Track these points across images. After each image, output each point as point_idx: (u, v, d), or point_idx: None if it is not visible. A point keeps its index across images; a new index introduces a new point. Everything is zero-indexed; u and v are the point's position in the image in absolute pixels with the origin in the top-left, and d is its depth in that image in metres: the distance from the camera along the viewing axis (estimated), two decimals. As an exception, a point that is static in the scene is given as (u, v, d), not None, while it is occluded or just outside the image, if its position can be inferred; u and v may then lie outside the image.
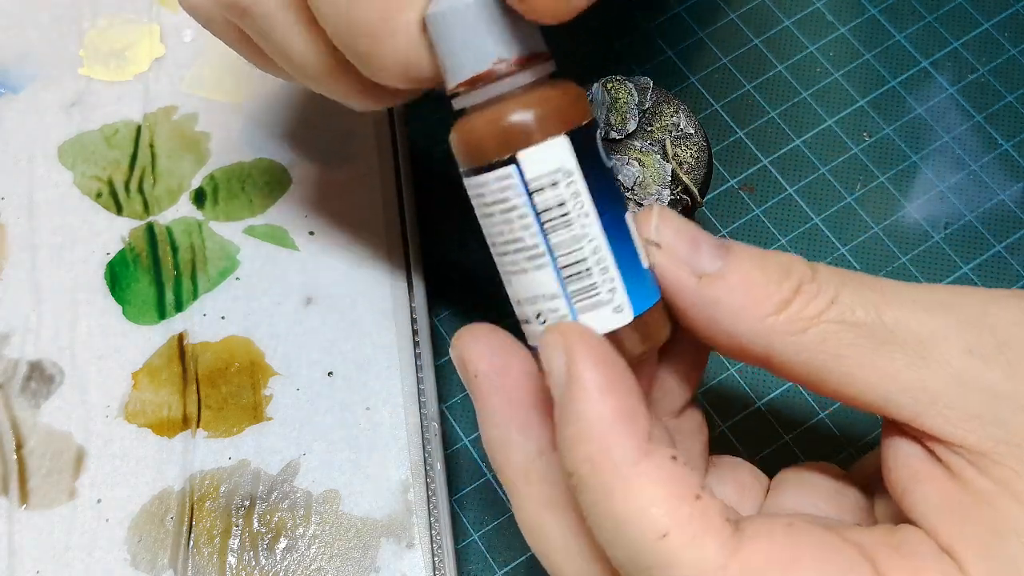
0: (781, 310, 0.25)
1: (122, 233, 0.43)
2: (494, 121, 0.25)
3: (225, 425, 0.40)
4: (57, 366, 0.41)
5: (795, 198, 0.45)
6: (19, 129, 0.45)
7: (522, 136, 0.25)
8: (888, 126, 0.46)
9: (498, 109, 0.25)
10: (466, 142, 0.26)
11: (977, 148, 0.46)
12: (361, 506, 0.38)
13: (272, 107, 0.45)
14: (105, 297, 0.42)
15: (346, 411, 0.40)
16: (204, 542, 0.38)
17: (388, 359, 0.40)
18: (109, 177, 0.44)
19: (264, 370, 0.41)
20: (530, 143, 0.25)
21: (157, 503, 0.39)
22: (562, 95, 0.26)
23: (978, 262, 0.43)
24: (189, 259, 0.42)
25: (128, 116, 0.45)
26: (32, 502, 0.39)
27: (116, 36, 0.46)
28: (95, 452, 0.39)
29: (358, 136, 0.44)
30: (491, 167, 0.25)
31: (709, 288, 0.25)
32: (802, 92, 0.47)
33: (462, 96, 0.26)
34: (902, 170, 0.45)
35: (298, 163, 0.44)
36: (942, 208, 0.45)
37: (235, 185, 0.44)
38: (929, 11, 0.48)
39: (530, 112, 0.25)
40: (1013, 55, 0.47)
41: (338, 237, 0.43)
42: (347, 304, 0.41)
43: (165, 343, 0.41)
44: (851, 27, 0.48)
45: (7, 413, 0.40)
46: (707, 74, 0.47)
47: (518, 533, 0.40)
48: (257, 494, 0.39)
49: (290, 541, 0.38)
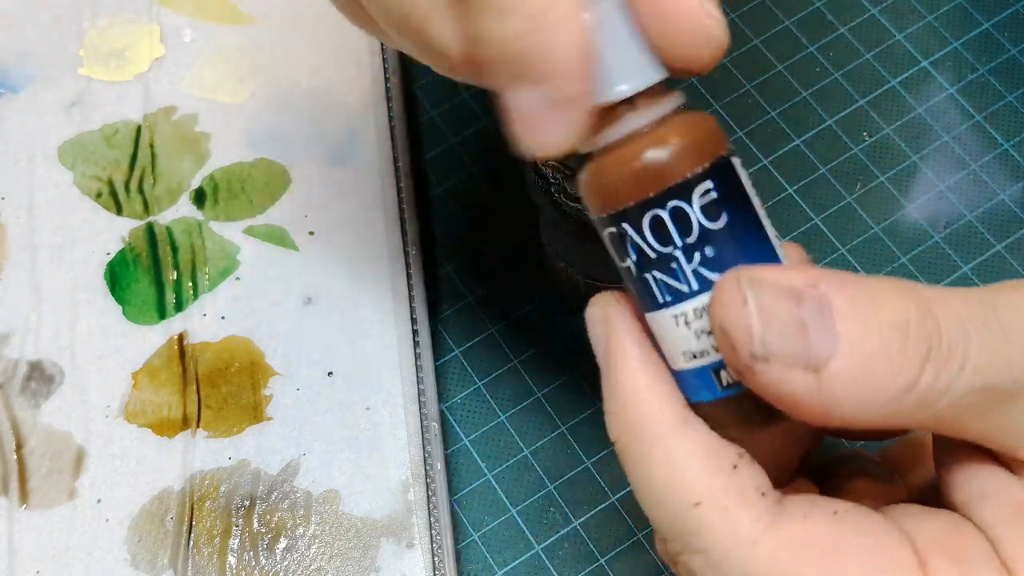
0: (910, 390, 0.22)
1: (122, 233, 0.43)
2: (640, 160, 0.23)
3: (225, 425, 0.40)
4: (57, 366, 0.41)
5: (795, 198, 0.45)
6: (19, 129, 0.45)
7: (670, 174, 0.23)
8: (888, 126, 0.46)
9: (645, 145, 0.23)
10: (605, 185, 0.23)
11: (977, 148, 0.46)
12: (361, 506, 0.38)
13: (272, 107, 0.45)
14: (105, 297, 0.42)
15: (346, 411, 0.40)
16: (204, 542, 0.38)
17: (388, 359, 0.40)
18: (109, 177, 0.44)
19: (264, 370, 0.41)
20: (676, 180, 0.23)
21: (157, 503, 0.39)
22: (703, 123, 0.24)
23: (978, 262, 0.43)
24: (189, 259, 0.42)
25: (128, 116, 0.45)
26: (32, 502, 0.39)
27: (116, 36, 0.46)
28: (95, 452, 0.39)
29: (358, 136, 0.44)
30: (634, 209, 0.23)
31: (830, 389, 0.22)
32: (802, 92, 0.47)
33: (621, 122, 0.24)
34: (902, 170, 0.45)
35: (298, 163, 0.44)
36: (942, 208, 0.45)
37: (235, 185, 0.44)
38: (929, 11, 0.48)
39: (675, 146, 0.23)
40: (1013, 55, 0.47)
41: (338, 237, 0.43)
42: (347, 304, 0.41)
43: (165, 343, 0.41)
44: (851, 27, 0.48)
45: (7, 413, 0.40)
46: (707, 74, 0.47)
47: (518, 533, 0.40)
48: (257, 494, 0.39)
49: (290, 541, 0.38)
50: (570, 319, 0.43)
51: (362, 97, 0.45)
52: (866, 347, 0.21)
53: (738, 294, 0.22)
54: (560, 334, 0.43)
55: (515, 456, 0.41)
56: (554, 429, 0.41)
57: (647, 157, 0.23)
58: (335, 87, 0.45)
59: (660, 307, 0.24)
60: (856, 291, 0.22)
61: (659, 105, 0.23)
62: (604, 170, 0.23)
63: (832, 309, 0.21)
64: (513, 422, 0.42)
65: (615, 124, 0.23)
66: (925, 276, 0.43)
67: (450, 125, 0.47)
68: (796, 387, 0.21)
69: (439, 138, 0.47)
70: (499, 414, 0.42)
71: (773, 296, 0.22)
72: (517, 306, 0.43)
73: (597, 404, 0.42)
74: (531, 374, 0.42)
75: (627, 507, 0.40)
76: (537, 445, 0.41)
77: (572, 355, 0.43)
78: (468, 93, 0.47)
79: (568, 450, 0.41)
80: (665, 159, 0.23)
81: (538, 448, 0.41)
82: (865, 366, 0.21)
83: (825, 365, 0.21)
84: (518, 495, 0.40)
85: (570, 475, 0.41)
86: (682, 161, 0.23)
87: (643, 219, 0.23)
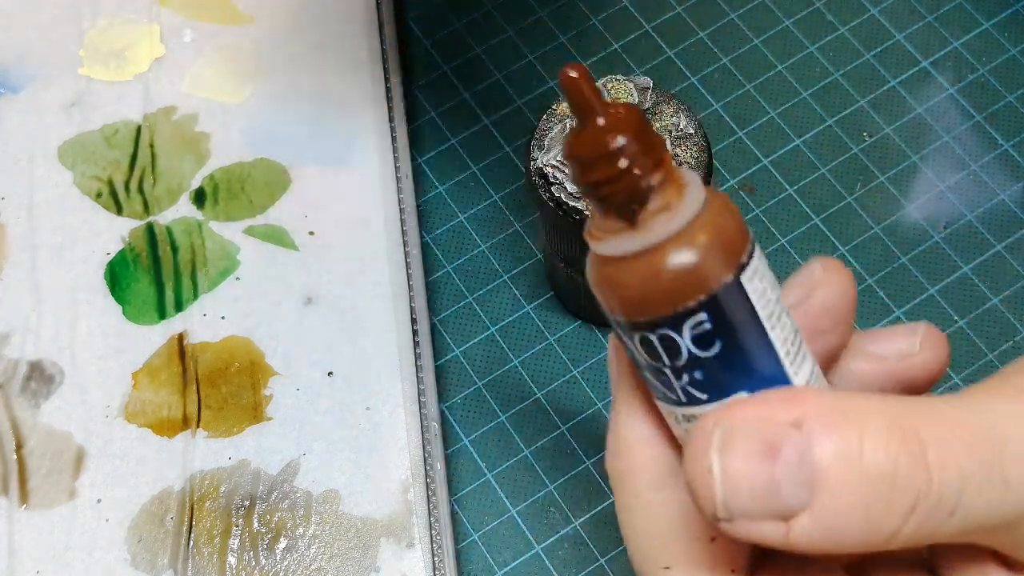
0: (890, 538, 0.21)
1: (122, 233, 0.43)
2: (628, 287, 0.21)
3: (225, 425, 0.40)
4: (57, 366, 0.41)
5: (795, 198, 0.45)
6: (19, 129, 0.45)
7: (659, 307, 0.21)
8: (888, 126, 0.46)
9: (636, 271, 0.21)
10: (599, 289, 0.22)
11: (977, 148, 0.46)
12: (361, 506, 0.38)
13: (272, 107, 0.45)
14: (105, 297, 0.42)
15: (346, 411, 0.40)
16: (204, 542, 0.38)
17: (388, 359, 0.40)
18: (109, 177, 0.44)
19: (264, 370, 0.41)
20: (664, 313, 0.21)
21: (157, 503, 0.39)
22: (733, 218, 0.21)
23: (978, 262, 0.43)
24: (189, 259, 0.42)
25: (128, 116, 0.45)
26: (32, 502, 0.39)
27: (116, 36, 0.46)
28: (95, 452, 0.39)
29: (358, 136, 0.44)
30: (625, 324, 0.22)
31: (798, 539, 0.20)
32: (802, 92, 0.47)
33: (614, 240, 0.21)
34: (902, 170, 0.45)
35: (298, 163, 0.44)
36: (942, 208, 0.45)
37: (235, 185, 0.44)
38: (929, 11, 0.48)
39: (665, 280, 0.21)
40: (1013, 55, 0.47)
41: (338, 237, 0.43)
42: (347, 304, 0.41)
43: (165, 343, 0.41)
44: (851, 27, 0.48)
45: (7, 413, 0.40)
46: (707, 74, 0.47)
47: (518, 533, 0.40)
48: (257, 494, 0.39)
49: (290, 541, 0.38)
50: (570, 319, 0.43)
51: (362, 97, 0.45)
52: (844, 501, 0.20)
53: (704, 457, 0.20)
54: (560, 334, 0.43)
55: (515, 456, 0.41)
56: (554, 429, 0.41)
57: (636, 286, 0.21)
58: (335, 87, 0.45)
59: (657, 399, 0.23)
60: (844, 435, 0.20)
61: (659, 228, 0.21)
62: (600, 276, 0.22)
63: (812, 461, 0.20)
64: (513, 422, 0.42)
65: (614, 238, 0.21)
66: (925, 276, 0.43)
67: (450, 125, 0.47)
68: (763, 533, 0.21)
69: (439, 137, 0.47)
70: (499, 414, 0.42)
71: (743, 457, 0.20)
72: (517, 306, 0.43)
73: (597, 404, 0.42)
74: (531, 374, 0.42)
75: (627, 507, 0.40)
76: (537, 445, 0.41)
77: (572, 355, 0.43)
78: (468, 93, 0.47)
79: (568, 450, 0.41)
80: (653, 294, 0.21)
81: (538, 448, 0.41)
82: (840, 520, 0.20)
83: (796, 517, 0.20)
84: (518, 495, 0.40)
85: (570, 475, 0.41)
86: (673, 294, 0.21)
87: (633, 335, 0.22)
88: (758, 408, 0.21)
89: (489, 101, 0.47)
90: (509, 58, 0.48)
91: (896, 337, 0.25)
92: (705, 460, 0.20)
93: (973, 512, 0.20)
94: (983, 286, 0.43)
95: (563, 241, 0.39)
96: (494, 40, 0.48)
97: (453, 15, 0.49)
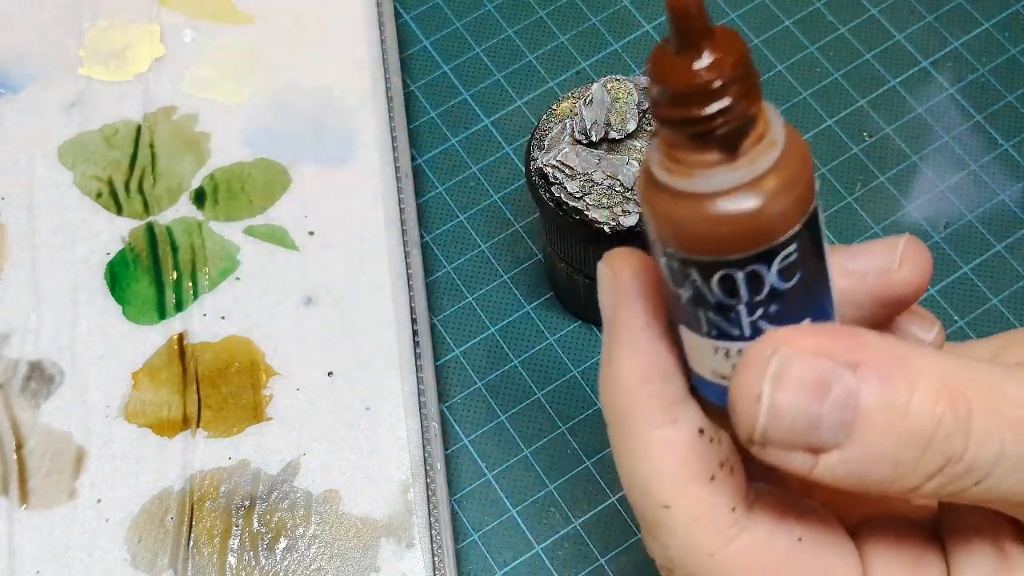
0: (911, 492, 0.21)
1: (122, 233, 0.43)
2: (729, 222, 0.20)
3: (225, 425, 0.40)
4: (57, 366, 0.41)
5: (795, 198, 0.45)
6: (19, 129, 0.45)
7: (756, 241, 0.20)
8: (888, 126, 0.46)
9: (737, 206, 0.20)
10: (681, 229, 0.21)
11: (977, 148, 0.46)
12: (361, 506, 0.38)
13: (272, 107, 0.45)
14: (105, 297, 0.42)
15: (346, 411, 0.40)
16: (204, 542, 0.38)
17: (388, 359, 0.40)
18: (109, 177, 0.44)
19: (264, 370, 0.41)
20: (761, 247, 0.20)
21: (157, 503, 0.39)
22: (802, 172, 0.20)
23: (978, 262, 0.43)
24: (189, 259, 0.42)
25: (128, 116, 0.45)
26: (32, 502, 0.39)
27: (116, 36, 0.46)
28: (95, 452, 0.39)
29: (358, 136, 0.44)
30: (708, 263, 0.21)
31: (822, 474, 0.21)
32: (802, 92, 0.47)
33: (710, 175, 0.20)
34: (902, 170, 0.45)
35: (298, 163, 0.44)
36: (942, 208, 0.45)
37: (235, 185, 0.44)
38: (929, 11, 0.48)
39: (768, 213, 0.20)
40: (1013, 55, 0.47)
41: (338, 237, 0.43)
42: (347, 304, 0.41)
43: (165, 343, 0.41)
44: (851, 27, 0.48)
45: (7, 413, 0.40)
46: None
47: (518, 533, 0.40)
48: (257, 494, 0.39)
49: (290, 541, 0.38)
50: (570, 319, 0.43)
51: (362, 97, 0.45)
52: (877, 450, 0.20)
53: (756, 384, 0.20)
54: (560, 334, 0.43)
55: (515, 456, 0.41)
56: (554, 429, 0.41)
57: (735, 222, 0.20)
58: (335, 87, 0.45)
59: (702, 335, 0.22)
60: (896, 387, 0.20)
61: (762, 159, 0.20)
62: (685, 214, 0.20)
63: (857, 406, 0.20)
64: (513, 422, 0.42)
65: (711, 172, 0.20)
66: (925, 276, 0.43)
67: (450, 125, 0.47)
68: (791, 463, 0.21)
69: (439, 138, 0.47)
70: (499, 414, 0.42)
71: (793, 391, 0.20)
72: (517, 306, 0.43)
73: (597, 404, 0.42)
74: (531, 374, 0.42)
75: (627, 507, 0.40)
76: (537, 445, 0.41)
77: (572, 355, 0.43)
78: (468, 93, 0.47)
79: (568, 450, 0.41)
80: (755, 228, 0.20)
81: (538, 448, 0.41)
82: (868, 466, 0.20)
83: (827, 452, 0.20)
84: (518, 495, 0.40)
85: (570, 475, 0.41)
86: (772, 230, 0.20)
87: (714, 274, 0.21)
88: (822, 340, 0.21)
89: (489, 101, 0.47)
90: (509, 58, 0.48)
91: (875, 252, 0.24)
92: (756, 387, 0.20)
93: (1001, 487, 0.21)
94: (983, 286, 0.43)
95: (563, 241, 0.39)
96: (494, 40, 0.48)
97: (453, 15, 0.49)
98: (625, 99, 0.37)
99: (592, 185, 0.36)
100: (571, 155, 0.36)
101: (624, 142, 0.37)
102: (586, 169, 0.36)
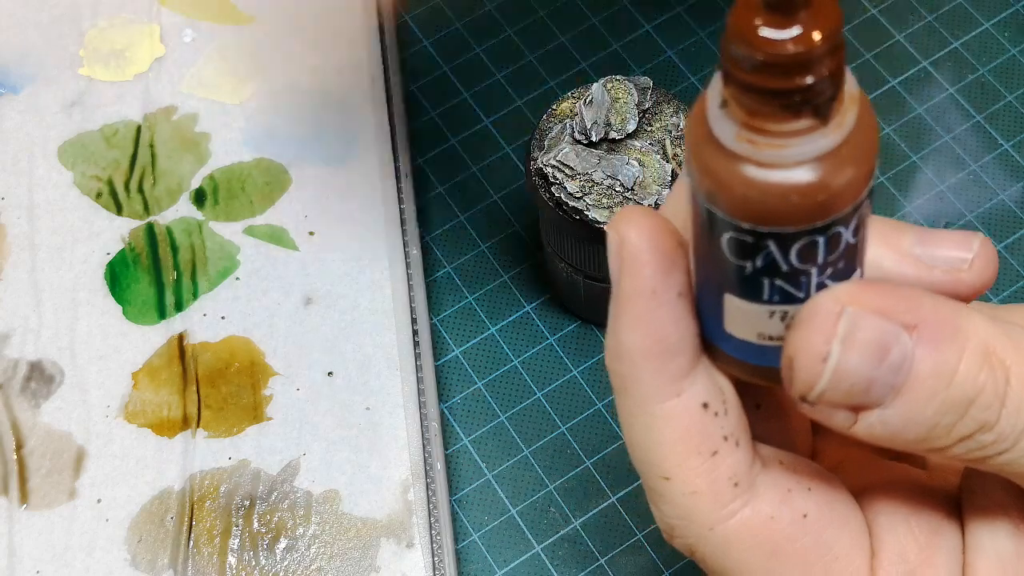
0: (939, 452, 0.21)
1: (122, 233, 0.43)
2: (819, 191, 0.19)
3: (225, 425, 0.40)
4: (57, 366, 0.41)
5: (795, 198, 0.45)
6: (19, 129, 0.45)
7: (843, 203, 0.20)
8: (888, 126, 0.46)
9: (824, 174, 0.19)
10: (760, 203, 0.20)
11: (977, 148, 0.46)
12: (361, 506, 0.38)
13: (272, 107, 0.45)
14: (105, 297, 0.42)
15: (346, 411, 0.40)
16: (204, 542, 0.38)
17: (388, 359, 0.40)
18: (109, 177, 0.44)
19: (264, 370, 0.41)
20: (847, 207, 0.20)
21: (157, 503, 0.39)
22: (873, 135, 0.20)
23: (978, 262, 0.43)
24: (189, 259, 0.42)
25: (128, 116, 0.45)
26: (32, 502, 0.39)
27: (116, 36, 0.46)
28: (95, 452, 0.39)
29: (358, 136, 0.44)
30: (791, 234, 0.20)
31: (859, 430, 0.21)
32: (802, 92, 0.47)
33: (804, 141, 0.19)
34: (902, 170, 0.45)
35: (298, 163, 0.44)
36: (942, 208, 0.45)
37: (235, 185, 0.44)
38: (929, 11, 0.48)
39: (855, 175, 0.19)
40: (1013, 55, 0.47)
41: (338, 237, 0.43)
42: (347, 304, 0.41)
43: (165, 343, 0.41)
44: (852, 27, 0.48)
45: (7, 413, 0.40)
46: (707, 74, 0.47)
47: (518, 533, 0.40)
48: (257, 494, 0.39)
49: (290, 541, 0.38)
50: (570, 319, 0.43)
51: (362, 97, 0.45)
52: (918, 413, 0.21)
53: (824, 344, 0.20)
54: (560, 334, 0.43)
55: (515, 456, 0.41)
56: (554, 429, 0.41)
57: (828, 188, 0.19)
58: (335, 87, 0.45)
59: (758, 301, 0.21)
60: (948, 351, 0.20)
61: (847, 117, 0.19)
62: (774, 188, 0.19)
63: (910, 370, 0.20)
64: (513, 422, 0.42)
65: (804, 139, 0.19)
66: (925, 276, 0.43)
67: (450, 125, 0.47)
68: (833, 420, 0.21)
69: (439, 138, 0.47)
70: (499, 414, 0.42)
71: (860, 354, 0.20)
72: (517, 306, 0.43)
73: (597, 404, 0.42)
74: (531, 374, 0.42)
75: (627, 507, 0.40)
76: (537, 445, 0.41)
77: (572, 355, 0.43)
78: (468, 93, 0.47)
79: (568, 450, 0.41)
80: (845, 189, 0.19)
81: (538, 448, 0.41)
82: (906, 426, 0.21)
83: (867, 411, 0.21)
84: (518, 495, 0.40)
85: (570, 475, 0.41)
86: (858, 188, 0.20)
87: (796, 243, 0.20)
88: (883, 299, 0.20)
89: (489, 101, 0.47)
90: (509, 58, 0.48)
91: (948, 245, 0.23)
92: (823, 347, 0.20)
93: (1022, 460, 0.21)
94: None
95: (563, 241, 0.39)
96: (494, 40, 0.48)
97: (453, 15, 0.49)
98: (625, 99, 0.37)
99: (592, 185, 0.36)
100: (571, 155, 0.36)
101: (624, 142, 0.37)
102: (586, 169, 0.36)
